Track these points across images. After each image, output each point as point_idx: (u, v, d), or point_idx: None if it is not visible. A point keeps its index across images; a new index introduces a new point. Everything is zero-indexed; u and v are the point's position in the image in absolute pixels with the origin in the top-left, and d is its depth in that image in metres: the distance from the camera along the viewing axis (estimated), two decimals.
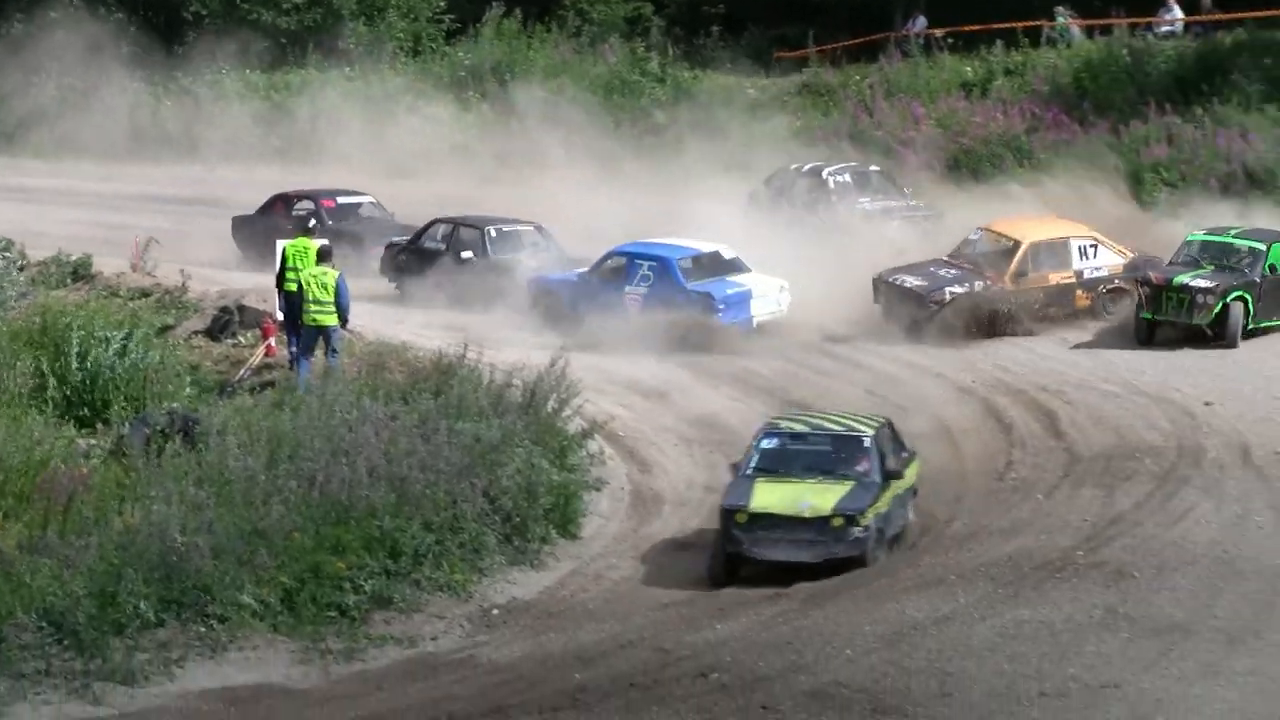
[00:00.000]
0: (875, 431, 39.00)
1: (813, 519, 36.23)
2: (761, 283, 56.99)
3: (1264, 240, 51.46)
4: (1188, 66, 77.17)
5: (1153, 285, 51.24)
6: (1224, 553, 38.59)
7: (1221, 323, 49.89)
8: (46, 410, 44.47)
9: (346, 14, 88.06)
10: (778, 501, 36.62)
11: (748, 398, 51.00)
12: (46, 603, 34.22)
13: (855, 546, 36.39)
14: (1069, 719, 30.23)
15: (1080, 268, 56.65)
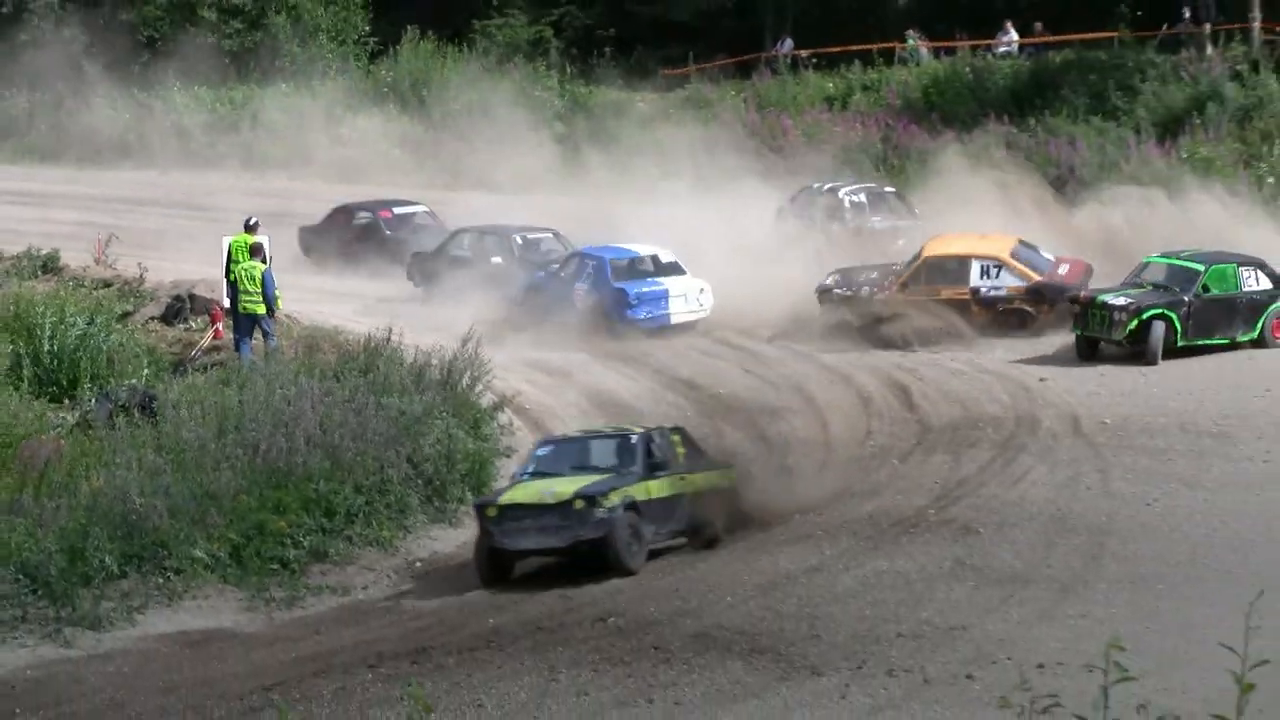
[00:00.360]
0: (645, 433, 37.61)
1: (555, 504, 34.89)
2: (684, 284, 56.40)
3: (1204, 262, 49.74)
4: (1022, 83, 78.01)
5: (1080, 303, 49.85)
6: (1057, 510, 40.08)
7: (1140, 339, 48.15)
8: (21, 387, 45.16)
9: (282, 37, 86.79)
10: (524, 494, 35.68)
11: (641, 378, 51.31)
12: (22, 557, 35.87)
13: (600, 528, 34.71)
14: (923, 658, 30.52)
15: (978, 285, 53.79)
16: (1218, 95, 72.32)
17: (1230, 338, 47.76)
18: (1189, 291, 47.86)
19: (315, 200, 69.38)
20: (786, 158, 75.00)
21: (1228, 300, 48.04)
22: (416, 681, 29.48)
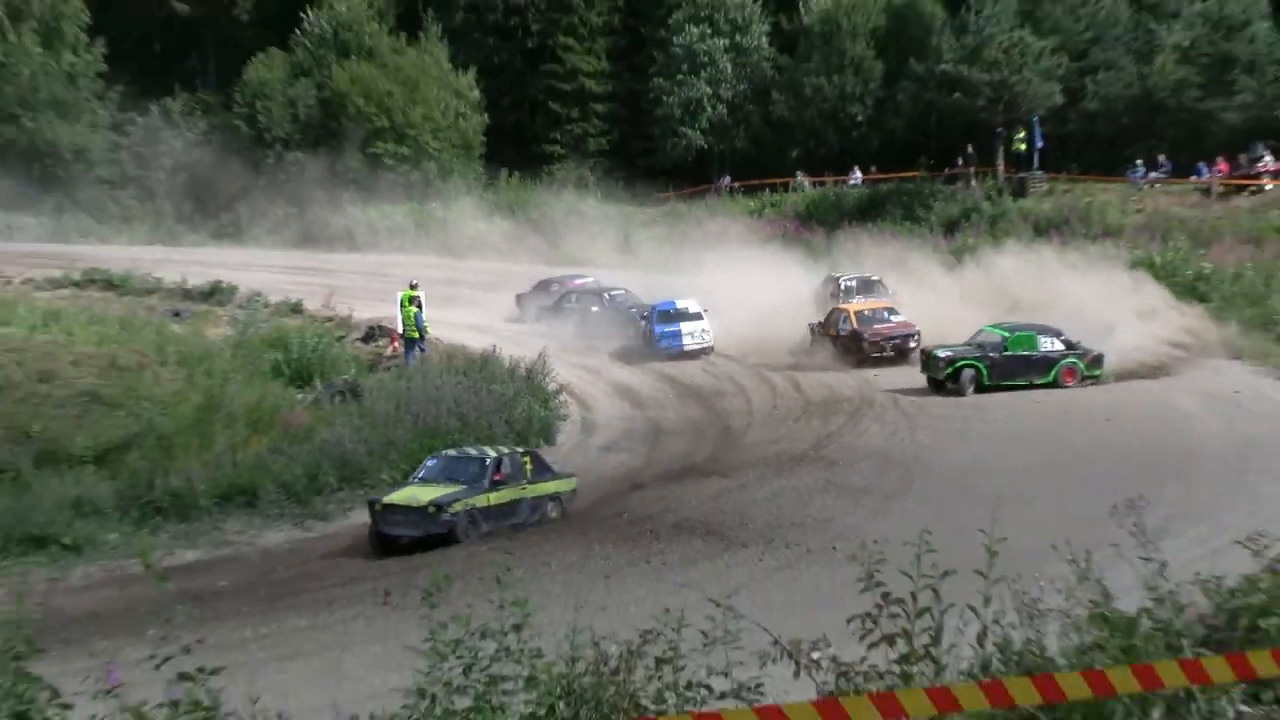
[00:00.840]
0: (498, 456, 34.18)
1: (416, 507, 32.17)
2: (693, 326, 54.06)
3: (1009, 330, 47.12)
4: (865, 202, 77.27)
5: (923, 353, 47.78)
6: (885, 451, 39.15)
7: (955, 379, 45.67)
8: (281, 379, 44.64)
9: (432, 175, 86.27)
10: (400, 497, 32.91)
11: (645, 375, 50.81)
12: (281, 478, 35.46)
13: (444, 526, 31.97)
14: (806, 537, 30.48)
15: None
16: (978, 209, 72.30)
17: (1028, 381, 45.57)
18: (995, 350, 46.09)
19: (452, 270, 69.29)
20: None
21: (1024, 357, 46.05)
22: (507, 550, 29.61)
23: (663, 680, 8.21)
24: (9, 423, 36.99)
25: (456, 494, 32.85)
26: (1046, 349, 46.62)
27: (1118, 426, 41.29)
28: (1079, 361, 46.63)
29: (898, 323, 52.38)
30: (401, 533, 32.30)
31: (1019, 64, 75.08)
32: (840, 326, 52.19)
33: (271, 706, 8.48)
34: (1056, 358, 46.53)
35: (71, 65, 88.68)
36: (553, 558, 29.37)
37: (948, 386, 46.14)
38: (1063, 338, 46.94)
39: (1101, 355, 46.84)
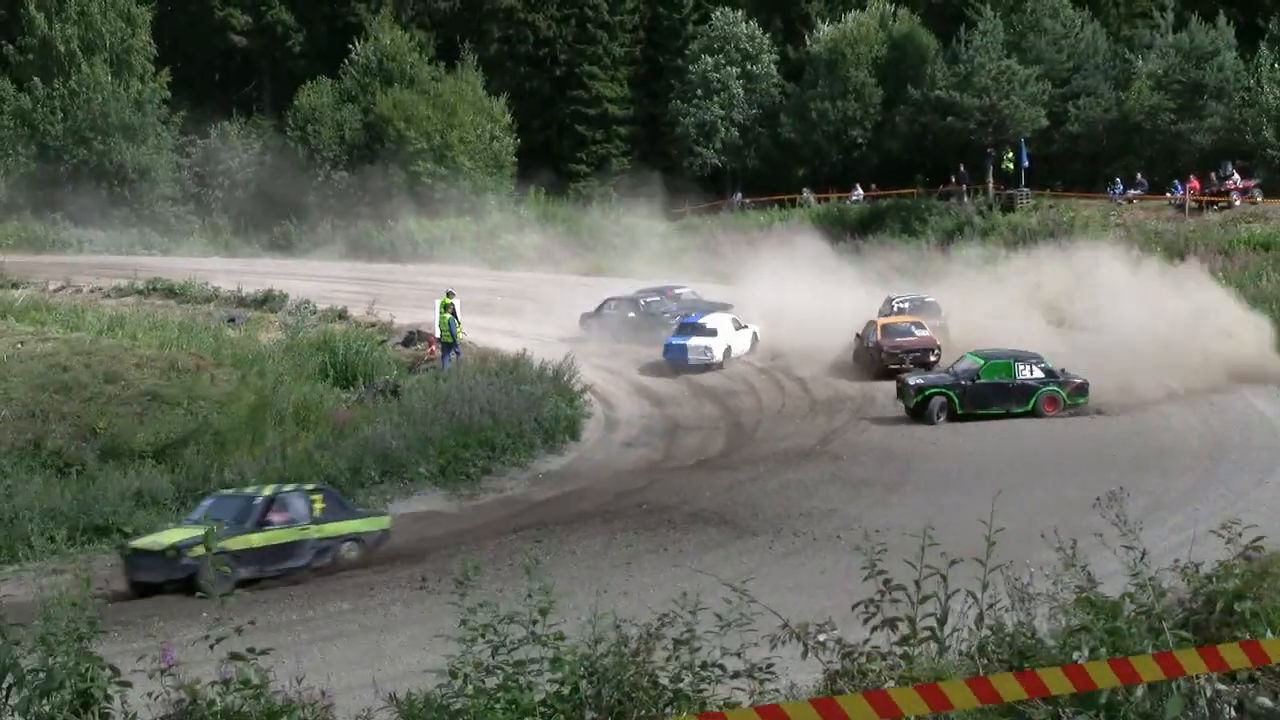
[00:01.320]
0: (271, 494, 30.74)
1: (158, 551, 28.45)
2: (700, 341, 51.39)
3: (984, 358, 43.79)
4: (867, 215, 77.13)
5: (898, 382, 44.15)
6: (885, 446, 38.89)
7: (922, 408, 42.21)
8: (328, 379, 44.68)
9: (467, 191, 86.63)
10: (145, 541, 29.46)
11: (663, 376, 50.57)
12: (327, 472, 35.52)
13: (185, 570, 27.47)
14: (813, 526, 30.82)
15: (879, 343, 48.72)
16: (970, 223, 72.25)
17: (1005, 409, 42.17)
18: (967, 378, 42.65)
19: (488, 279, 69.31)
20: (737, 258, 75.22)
21: (1000, 385, 42.47)
22: (535, 539, 29.63)
23: (680, 661, 8.16)
24: (77, 420, 37.13)
25: (199, 537, 29.58)
26: (1024, 377, 42.96)
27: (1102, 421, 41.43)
28: (1060, 390, 42.84)
29: (920, 337, 49.26)
30: (147, 578, 28.73)
31: (1006, 90, 75.19)
32: (869, 338, 49.59)
33: (315, 685, 8.42)
34: (1035, 386, 42.80)
35: (139, 92, 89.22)
36: (578, 546, 29.49)
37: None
38: (1043, 365, 43.44)
39: (1085, 383, 43.06)
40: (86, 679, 7.30)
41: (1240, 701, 8.09)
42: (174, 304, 58.59)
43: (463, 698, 7.87)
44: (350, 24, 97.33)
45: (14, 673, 7.26)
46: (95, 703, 7.29)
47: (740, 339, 53.37)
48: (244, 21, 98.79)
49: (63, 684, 7.24)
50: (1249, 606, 8.63)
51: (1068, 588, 9.04)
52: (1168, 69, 79.04)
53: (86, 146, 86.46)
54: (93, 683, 7.31)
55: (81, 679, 7.30)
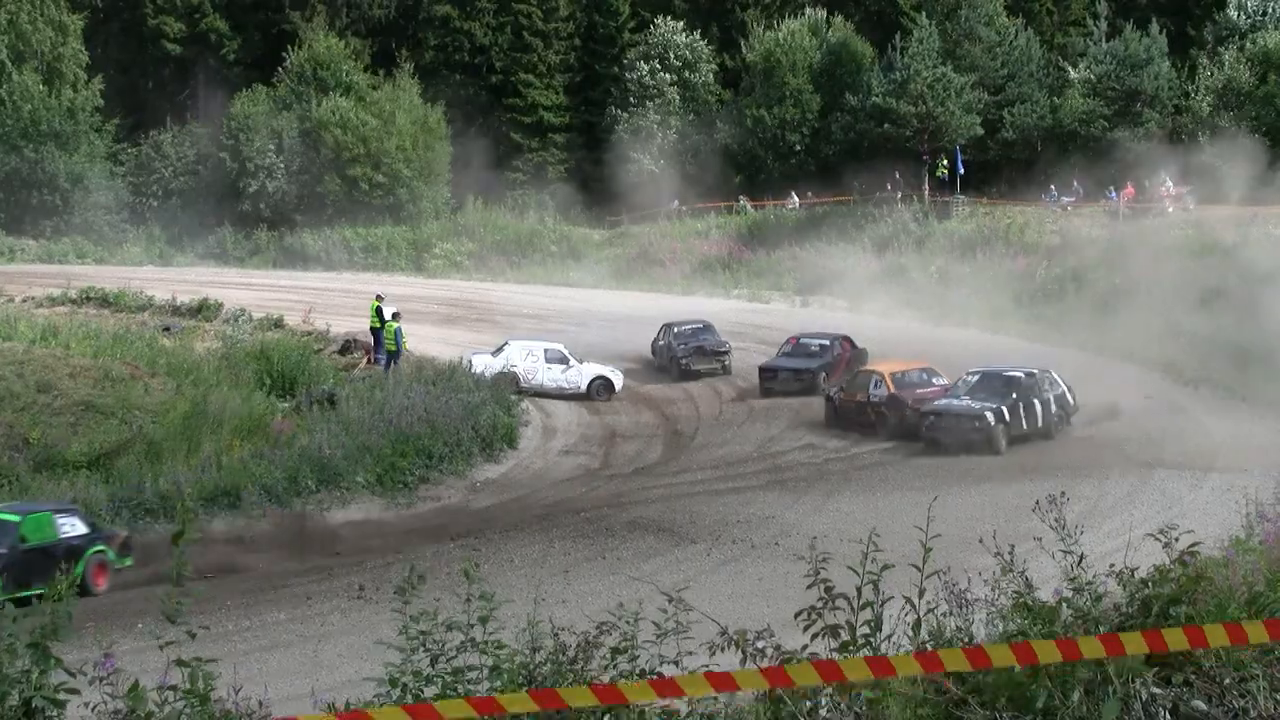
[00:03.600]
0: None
1: None
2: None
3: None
4: (802, 223, 77.40)
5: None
6: (815, 455, 38.63)
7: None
8: (264, 388, 44.40)
9: (405, 197, 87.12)
10: None
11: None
12: (263, 480, 35.02)
13: None
14: (751, 533, 30.83)
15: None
16: (907, 230, 72.51)
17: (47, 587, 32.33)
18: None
19: (422, 288, 69.08)
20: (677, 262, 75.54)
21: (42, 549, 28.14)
22: (473, 548, 29.57)
23: (618, 669, 8.17)
24: (9, 430, 36.85)
25: None
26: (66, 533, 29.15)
27: None
28: (107, 549, 29.61)
29: (941, 386, 42.53)
30: None
31: (942, 98, 75.68)
32: (872, 391, 42.61)
33: (253, 695, 8.38)
34: (82, 546, 29.13)
35: (71, 100, 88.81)
36: (516, 554, 29.37)
37: None
38: (87, 518, 30.29)
39: (129, 538, 30.55)
40: (33, 686, 7.20)
41: (1175, 705, 8.15)
42: (108, 313, 58.28)
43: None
44: (285, 31, 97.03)
45: None
46: (38, 712, 7.20)
47: None
48: (178, 29, 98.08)
49: (6, 693, 7.16)
50: (1184, 611, 8.70)
51: (1005, 593, 9.12)
52: (1102, 76, 79.88)
53: (18, 154, 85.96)
54: (38, 691, 7.21)
55: (26, 686, 7.20)
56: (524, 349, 49.54)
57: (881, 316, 62.15)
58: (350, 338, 52.93)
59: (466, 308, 64.05)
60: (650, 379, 51.42)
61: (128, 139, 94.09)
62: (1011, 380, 40.52)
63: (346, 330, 53.74)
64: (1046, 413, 40.31)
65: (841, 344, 49.79)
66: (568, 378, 48.90)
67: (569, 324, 58.31)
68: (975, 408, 39.23)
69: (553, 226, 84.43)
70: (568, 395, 48.17)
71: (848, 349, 49.61)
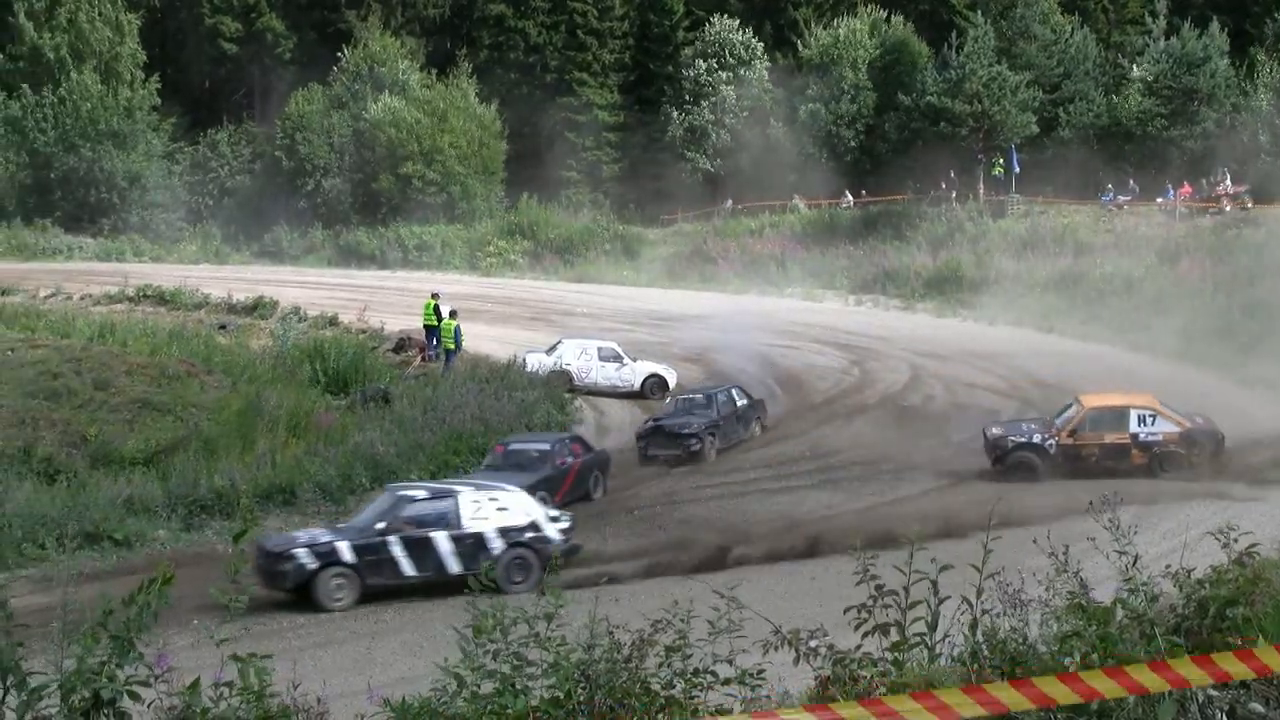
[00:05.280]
0: None
1: None
2: None
3: None
4: (859, 221, 77.33)
5: None
6: (869, 453, 38.71)
7: None
8: (318, 386, 44.63)
9: (460, 196, 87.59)
10: None
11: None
12: (317, 479, 35.09)
13: None
14: (804, 532, 29.90)
15: (1136, 431, 35.29)
16: (962, 229, 72.33)
17: None
18: None
19: (477, 286, 69.24)
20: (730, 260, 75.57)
21: None
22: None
23: (672, 667, 8.18)
24: (67, 427, 37.07)
25: None
26: None
27: None
28: None
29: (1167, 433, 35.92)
30: None
31: (997, 96, 75.50)
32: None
33: (310, 691, 8.43)
34: None
35: (128, 100, 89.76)
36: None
37: None
38: None
39: None
40: (103, 678, 7.24)
41: (1232, 707, 8.13)
42: (164, 311, 58.52)
43: (459, 701, 7.88)
44: (340, 31, 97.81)
45: (15, 674, 7.22)
46: (108, 705, 7.24)
47: None
48: (234, 28, 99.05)
49: (75, 687, 7.21)
50: (1241, 612, 8.66)
51: (1060, 593, 9.09)
52: (1159, 74, 79.53)
53: (76, 154, 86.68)
54: (110, 684, 7.25)
55: (95, 678, 7.24)
56: (578, 347, 49.32)
57: (934, 315, 62.19)
58: (404, 336, 53.03)
59: (520, 306, 64.13)
60: (703, 378, 51.31)
61: (184, 138, 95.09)
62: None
63: (401, 328, 53.89)
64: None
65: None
66: (621, 376, 48.45)
67: (622, 322, 58.37)
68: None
69: (606, 225, 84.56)
70: (621, 393, 47.92)
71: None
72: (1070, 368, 48.30)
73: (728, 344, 53.65)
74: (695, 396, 42.80)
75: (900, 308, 64.89)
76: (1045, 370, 48.55)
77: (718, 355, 52.85)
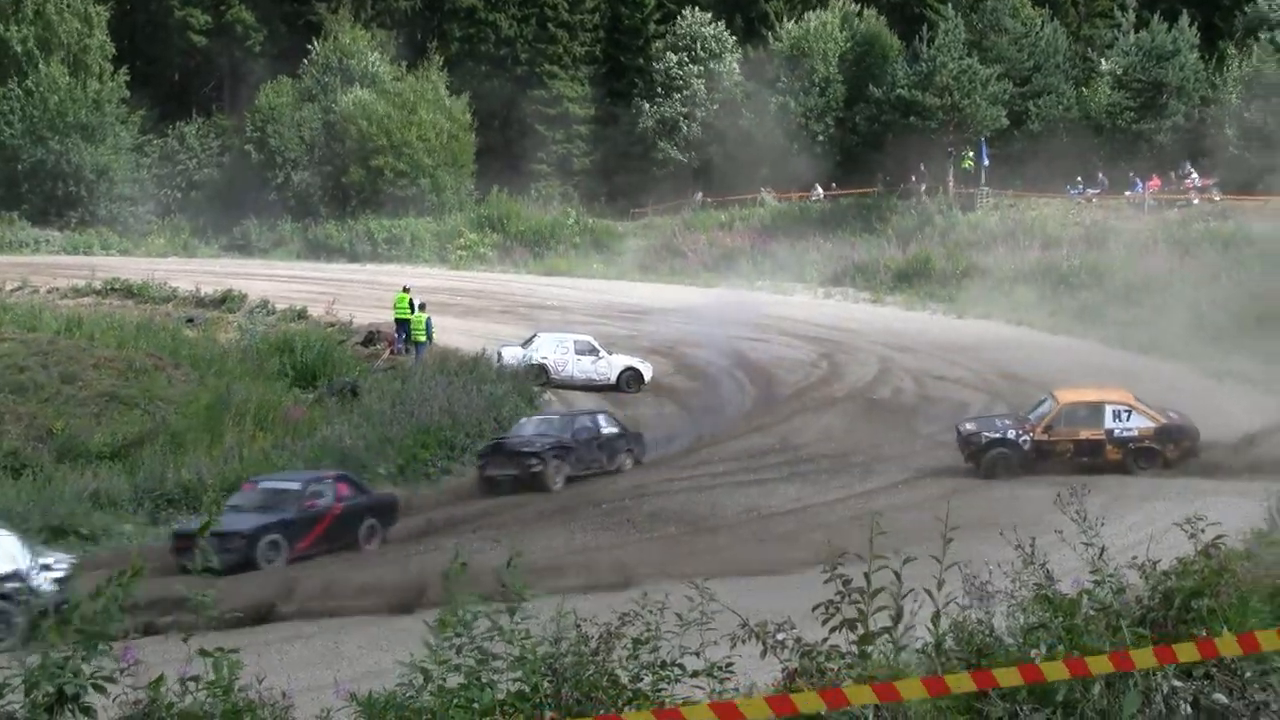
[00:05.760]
0: None
1: None
2: None
3: None
4: (829, 214, 77.38)
5: None
6: (836, 447, 38.49)
7: None
8: (285, 380, 44.58)
9: (428, 192, 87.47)
10: None
11: None
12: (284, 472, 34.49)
13: None
14: (774, 524, 30.01)
15: (1111, 427, 35.30)
16: (932, 222, 72.42)
17: None
18: None
19: (445, 279, 69.18)
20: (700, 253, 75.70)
21: None
22: (494, 539, 29.63)
23: (640, 660, 8.18)
24: (34, 420, 37.05)
25: None
26: None
27: None
28: None
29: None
30: None
31: (968, 89, 75.49)
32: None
33: (276, 685, 8.41)
34: None
35: (96, 92, 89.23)
36: (536, 545, 29.31)
37: None
38: None
39: None
40: (70, 673, 7.20)
41: (1196, 698, 8.16)
42: (132, 304, 58.42)
43: (425, 695, 7.87)
44: (311, 23, 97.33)
45: None
46: (71, 700, 7.21)
47: None
48: (203, 21, 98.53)
49: (38, 683, 7.17)
50: (1206, 604, 8.69)
51: (1026, 585, 9.12)
52: (1128, 68, 79.81)
53: (44, 146, 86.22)
54: (74, 678, 7.21)
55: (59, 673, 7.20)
56: (554, 341, 49.27)
57: (904, 308, 62.35)
58: (374, 329, 53.01)
59: (490, 299, 64.18)
60: (673, 371, 51.39)
61: (153, 131, 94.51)
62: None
63: (370, 322, 53.85)
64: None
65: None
66: (597, 369, 48.39)
67: (592, 316, 58.37)
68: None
69: (576, 218, 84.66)
70: (597, 386, 47.87)
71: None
72: (1039, 361, 48.60)
73: (697, 337, 53.75)
74: (552, 417, 40.77)
75: (870, 301, 65.09)
76: (1014, 363, 48.77)
77: (688, 349, 52.95)
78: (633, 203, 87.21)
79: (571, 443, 37.76)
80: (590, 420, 39.41)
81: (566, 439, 37.74)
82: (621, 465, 38.78)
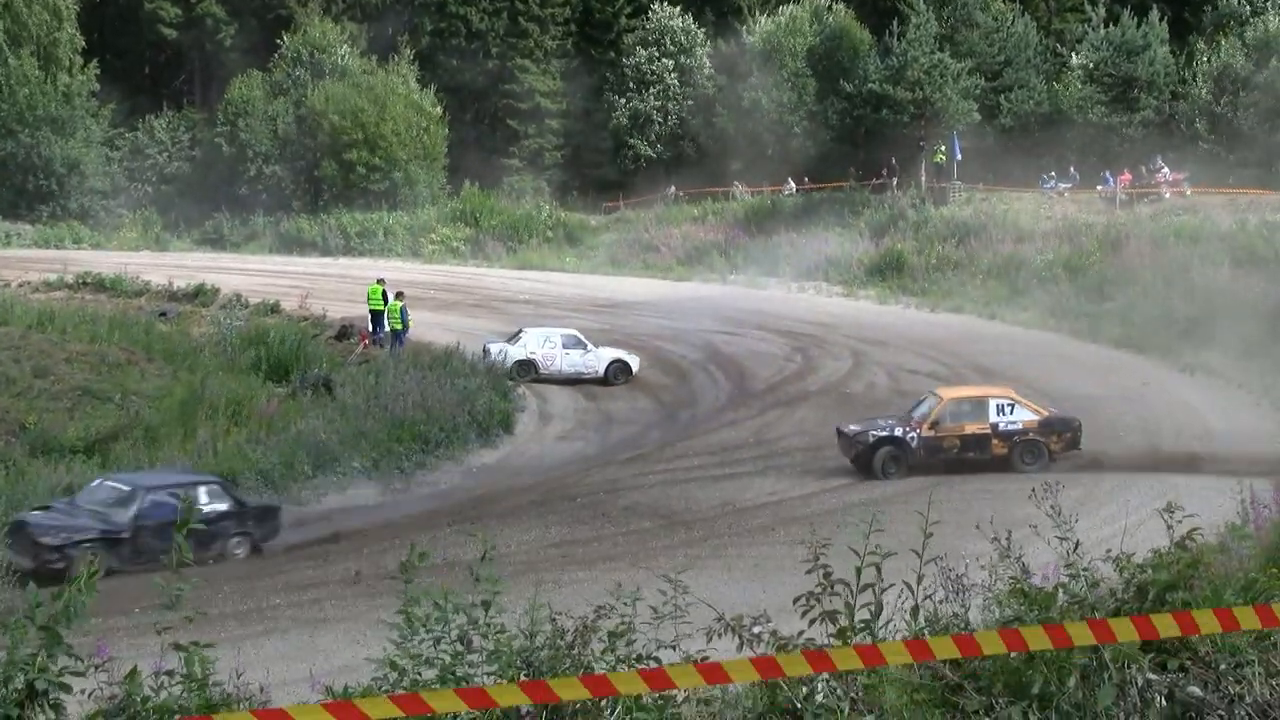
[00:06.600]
0: None
1: None
2: None
3: None
4: (801, 209, 77.24)
5: None
6: (810, 442, 38.74)
7: None
8: (259, 373, 44.40)
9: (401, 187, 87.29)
10: None
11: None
12: (259, 467, 35.05)
13: None
14: (749, 518, 30.02)
15: (995, 421, 35.12)
16: (904, 216, 72.45)
17: None
18: None
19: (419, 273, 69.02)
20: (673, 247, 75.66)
21: None
22: (469, 533, 29.49)
23: (615, 653, 8.18)
24: (6, 415, 36.89)
25: None
26: None
27: None
28: None
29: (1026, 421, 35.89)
30: None
31: (939, 84, 75.53)
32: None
33: (253, 680, 8.39)
34: None
35: (66, 85, 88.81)
36: (512, 539, 29.24)
37: None
38: None
39: None
40: (37, 669, 7.17)
41: (1171, 691, 8.18)
42: (105, 298, 58.29)
43: (399, 690, 7.85)
44: (281, 17, 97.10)
45: None
46: (41, 695, 7.18)
47: None
48: (174, 14, 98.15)
49: (12, 676, 7.14)
50: (1180, 596, 8.71)
51: (1002, 579, 9.14)
52: (1099, 62, 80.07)
53: (14, 140, 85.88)
54: (41, 674, 7.18)
55: (32, 669, 7.17)
56: (541, 335, 48.98)
57: (877, 302, 62.39)
58: (347, 322, 52.85)
59: (463, 293, 64.02)
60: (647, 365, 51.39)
61: (124, 124, 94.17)
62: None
63: (343, 315, 53.70)
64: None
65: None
66: (585, 362, 48.16)
67: (565, 310, 58.29)
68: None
69: (549, 212, 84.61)
70: (586, 380, 47.77)
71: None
72: (1011, 354, 48.68)
73: (670, 331, 53.72)
74: (120, 486, 29.49)
75: (843, 295, 65.07)
76: (987, 357, 48.82)
77: (661, 342, 52.88)
78: (606, 197, 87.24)
79: (125, 529, 28.08)
80: (176, 494, 27.94)
81: (120, 522, 28.12)
82: (228, 553, 29.35)
